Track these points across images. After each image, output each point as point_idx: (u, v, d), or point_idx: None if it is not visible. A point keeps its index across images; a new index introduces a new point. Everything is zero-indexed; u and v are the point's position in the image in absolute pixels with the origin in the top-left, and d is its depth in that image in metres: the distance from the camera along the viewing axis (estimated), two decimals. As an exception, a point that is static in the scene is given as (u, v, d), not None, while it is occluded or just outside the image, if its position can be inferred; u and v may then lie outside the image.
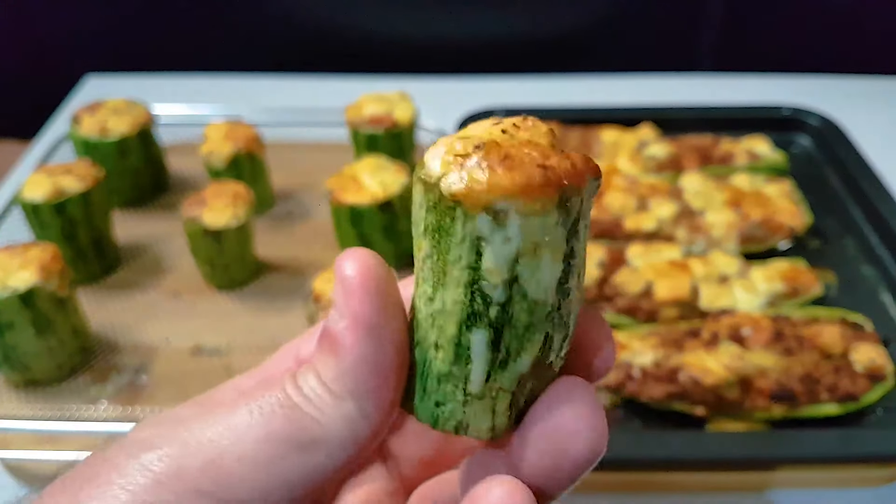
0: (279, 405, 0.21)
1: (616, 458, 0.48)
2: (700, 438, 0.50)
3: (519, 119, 0.21)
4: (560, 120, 0.81)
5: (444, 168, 0.19)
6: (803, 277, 0.62)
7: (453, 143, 0.20)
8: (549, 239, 0.19)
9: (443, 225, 0.20)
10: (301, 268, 0.68)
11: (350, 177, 0.66)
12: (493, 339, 0.20)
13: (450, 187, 0.19)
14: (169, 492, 0.20)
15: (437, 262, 0.20)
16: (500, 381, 0.21)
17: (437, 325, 0.21)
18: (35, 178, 0.63)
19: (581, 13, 1.04)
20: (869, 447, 0.48)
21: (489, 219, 0.19)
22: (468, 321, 0.20)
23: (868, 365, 0.55)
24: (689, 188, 0.72)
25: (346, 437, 0.20)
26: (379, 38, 1.05)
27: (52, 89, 0.97)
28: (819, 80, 0.97)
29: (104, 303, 0.64)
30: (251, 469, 0.20)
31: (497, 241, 0.19)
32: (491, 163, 0.19)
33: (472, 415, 0.21)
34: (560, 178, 0.19)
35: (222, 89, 0.97)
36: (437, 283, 0.20)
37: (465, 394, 0.21)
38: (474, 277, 0.20)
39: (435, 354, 0.21)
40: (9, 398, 0.56)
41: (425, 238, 0.20)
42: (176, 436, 0.21)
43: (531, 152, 0.19)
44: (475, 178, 0.19)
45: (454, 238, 0.19)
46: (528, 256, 0.19)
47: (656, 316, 0.60)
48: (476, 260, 0.19)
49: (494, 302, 0.20)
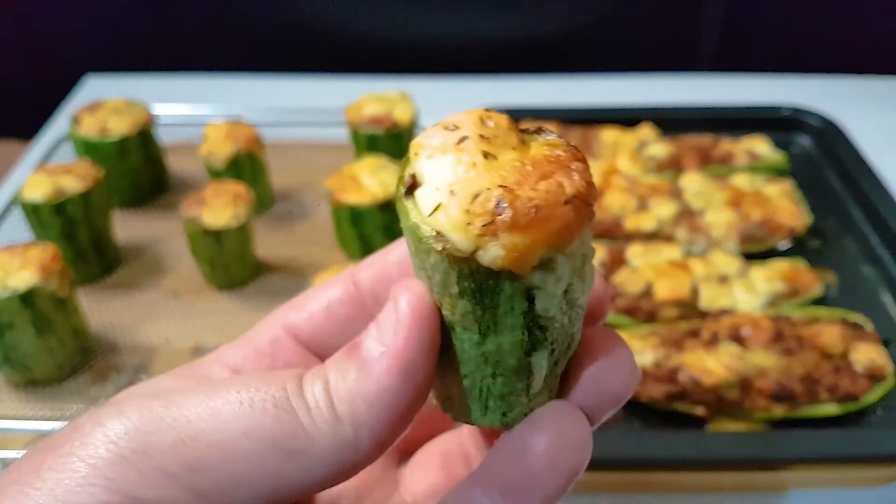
0: (273, 404, 0.20)
1: (616, 458, 0.48)
2: (700, 438, 0.50)
3: (479, 124, 0.20)
4: (560, 120, 0.81)
5: (478, 242, 0.18)
6: (803, 277, 0.62)
7: (464, 205, 0.18)
8: (587, 253, 0.20)
9: (486, 287, 0.19)
10: (301, 268, 0.68)
11: (350, 177, 0.66)
12: (552, 352, 0.21)
13: (494, 261, 0.18)
14: (133, 468, 0.19)
15: (483, 316, 0.20)
16: (556, 371, 0.22)
17: (491, 361, 0.20)
18: (35, 178, 0.63)
19: (581, 13, 1.04)
20: (869, 447, 0.48)
21: (540, 271, 0.19)
22: (528, 351, 0.20)
23: (868, 365, 0.55)
24: (689, 188, 0.72)
25: (332, 459, 0.19)
26: (379, 38, 1.05)
27: (52, 89, 0.97)
28: (819, 80, 0.97)
29: (104, 303, 0.64)
30: (224, 460, 0.19)
31: (550, 284, 0.19)
32: (525, 221, 0.18)
33: (537, 404, 0.22)
34: (587, 203, 0.19)
35: (222, 89, 0.97)
36: (487, 330, 0.20)
37: (528, 397, 0.21)
38: (530, 319, 0.20)
39: (492, 382, 0.21)
40: (9, 398, 0.56)
41: (461, 299, 0.19)
42: (150, 408, 0.20)
43: (548, 186, 0.18)
44: (518, 245, 0.18)
45: (503, 296, 0.19)
46: (577, 278, 0.20)
47: (656, 316, 0.60)
48: (530, 305, 0.19)
49: (551, 327, 0.20)
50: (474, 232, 0.18)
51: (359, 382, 0.20)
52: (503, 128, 0.20)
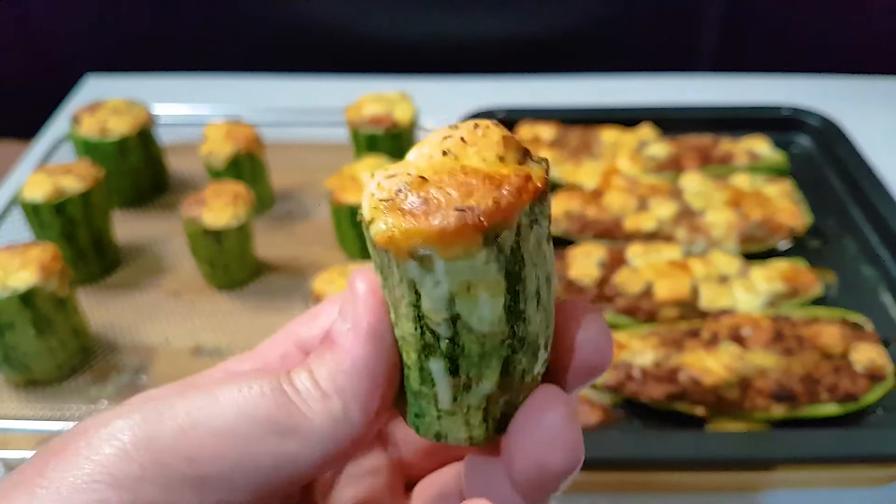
0: (270, 388, 0.21)
1: (616, 458, 0.48)
2: (700, 438, 0.50)
3: (470, 129, 0.20)
4: (560, 120, 0.81)
5: (372, 213, 0.19)
6: (803, 277, 0.62)
7: (381, 181, 0.20)
8: (480, 277, 0.19)
9: (383, 264, 0.20)
10: (301, 268, 0.68)
11: (350, 177, 0.66)
12: (450, 368, 0.20)
13: (376, 235, 0.19)
14: (135, 463, 0.19)
15: (389, 295, 0.21)
16: (468, 401, 0.21)
17: (404, 349, 0.21)
18: (35, 178, 0.63)
19: (581, 13, 1.04)
20: (869, 447, 0.48)
21: (416, 264, 0.19)
22: (424, 351, 0.20)
23: (868, 365, 0.55)
24: (689, 188, 0.72)
25: (327, 433, 0.21)
26: (379, 38, 1.05)
27: (52, 89, 0.97)
28: (819, 80, 0.97)
29: (104, 303, 0.64)
30: (224, 444, 0.20)
31: (428, 284, 0.19)
32: (410, 208, 0.19)
33: (448, 426, 0.22)
34: (479, 220, 0.18)
35: (222, 89, 0.97)
36: (395, 312, 0.21)
37: (437, 409, 0.21)
38: (418, 314, 0.20)
39: (408, 373, 0.21)
40: (9, 398, 0.56)
41: (377, 272, 0.21)
42: (152, 406, 0.21)
43: (452, 190, 0.19)
44: (395, 226, 0.19)
45: (394, 278, 0.20)
46: (462, 296, 0.19)
47: (656, 316, 0.60)
48: (416, 299, 0.20)
49: (443, 336, 0.20)
50: (372, 205, 0.19)
51: (334, 361, 0.21)
52: (490, 140, 0.20)
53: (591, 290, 0.62)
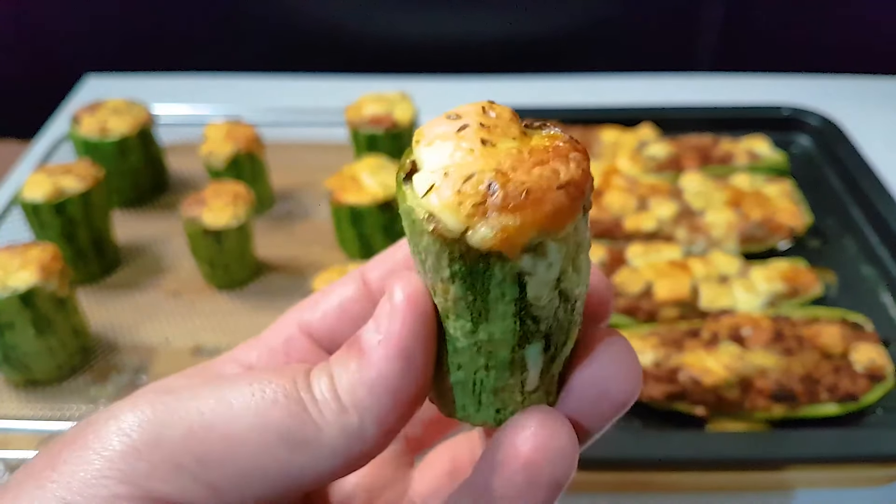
0: (284, 395, 0.20)
1: (616, 458, 0.48)
2: (700, 438, 0.50)
3: (479, 113, 0.20)
4: (560, 120, 0.80)
5: (468, 221, 0.18)
6: (803, 277, 0.62)
7: (457, 185, 0.18)
8: (581, 243, 0.20)
9: (476, 270, 0.19)
10: (301, 268, 0.68)
11: (350, 177, 0.66)
12: (545, 346, 0.20)
13: (483, 242, 0.18)
14: (144, 461, 0.19)
15: (475, 302, 0.20)
16: (553, 370, 0.21)
17: (484, 352, 0.20)
18: (35, 178, 0.63)
19: (581, 13, 1.04)
20: (869, 447, 0.48)
21: (530, 255, 0.19)
22: (521, 342, 0.20)
23: (868, 365, 0.55)
24: (689, 188, 0.72)
25: (339, 449, 0.20)
26: (379, 38, 1.05)
27: (52, 89, 0.97)
28: (819, 80, 0.97)
29: (104, 303, 0.64)
30: (235, 452, 0.20)
31: (541, 271, 0.19)
32: (515, 203, 0.18)
33: (531, 404, 0.21)
34: (581, 191, 0.19)
35: (222, 89, 0.97)
36: (479, 318, 0.20)
37: (522, 394, 0.21)
38: (521, 306, 0.19)
39: (486, 375, 0.21)
40: (9, 398, 0.56)
41: (453, 283, 0.19)
42: (163, 401, 0.20)
43: (543, 171, 0.18)
44: (508, 226, 0.18)
45: (493, 280, 0.19)
46: (569, 267, 0.19)
47: (656, 316, 0.60)
48: (521, 292, 0.19)
49: (544, 318, 0.20)
50: (464, 212, 0.18)
51: (360, 372, 0.20)
52: (505, 119, 0.20)
53: (591, 290, 0.62)
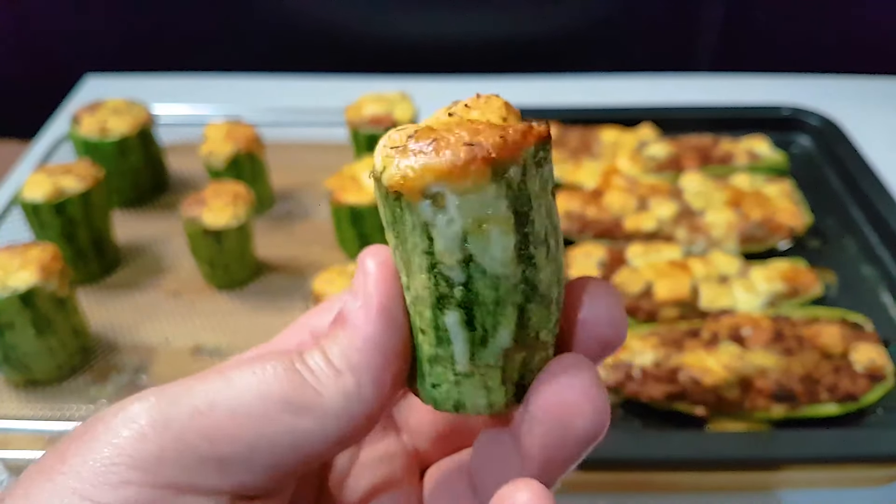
0: (282, 368, 0.21)
1: (616, 458, 0.48)
2: (700, 438, 0.50)
3: (473, 98, 0.22)
4: (560, 120, 0.81)
5: (384, 162, 0.20)
6: (803, 277, 0.62)
7: (392, 135, 0.20)
8: (491, 212, 0.20)
9: (395, 216, 0.20)
10: (301, 268, 0.68)
11: (350, 177, 0.66)
12: (466, 319, 0.21)
13: (389, 180, 0.20)
14: (154, 444, 0.20)
15: (402, 252, 0.21)
16: (485, 358, 0.21)
17: (416, 311, 0.21)
18: (35, 178, 0.63)
19: (581, 13, 1.04)
20: (869, 447, 0.48)
21: (429, 203, 0.19)
22: (438, 304, 0.21)
23: (868, 365, 0.55)
24: (689, 188, 0.72)
25: (340, 410, 0.21)
26: (379, 38, 1.05)
27: (52, 89, 0.97)
28: (819, 80, 0.97)
29: (104, 303, 0.64)
30: (241, 424, 0.20)
31: (441, 223, 0.20)
32: (420, 149, 0.19)
33: (467, 393, 0.22)
34: (488, 153, 0.19)
35: (222, 89, 0.97)
36: (407, 271, 0.21)
37: (454, 374, 0.21)
38: (432, 262, 0.20)
39: (423, 339, 0.22)
40: (9, 398, 0.56)
41: (388, 231, 0.21)
42: (169, 390, 0.21)
43: (461, 132, 0.19)
44: (407, 167, 0.19)
45: (407, 227, 0.20)
46: (475, 234, 0.20)
47: (656, 316, 0.60)
48: (429, 245, 0.20)
49: (457, 283, 0.20)
50: (385, 153, 0.20)
51: (348, 338, 0.21)
52: (492, 105, 0.21)
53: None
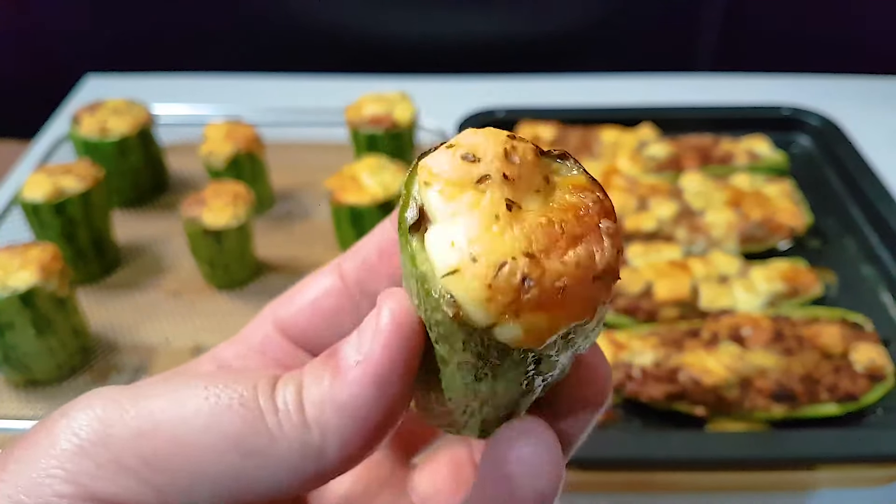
0: (240, 402, 0.19)
1: (616, 458, 0.48)
2: (700, 438, 0.50)
3: (500, 158, 0.18)
4: (560, 120, 0.81)
5: (497, 318, 0.17)
6: (803, 277, 0.62)
7: (490, 279, 0.16)
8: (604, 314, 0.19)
9: (492, 350, 0.18)
10: (301, 268, 0.68)
11: (350, 177, 0.66)
12: (543, 386, 0.20)
13: (512, 340, 0.17)
14: (90, 460, 0.19)
15: (483, 367, 0.18)
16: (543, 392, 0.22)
17: (482, 397, 0.20)
18: (35, 178, 0.63)
19: (581, 13, 1.04)
20: (869, 447, 0.48)
21: (555, 341, 0.18)
22: (523, 395, 0.20)
23: (868, 365, 0.55)
24: (689, 188, 0.72)
25: (295, 464, 0.19)
26: (379, 38, 1.05)
27: (52, 89, 0.97)
28: (819, 80, 0.97)
29: (104, 303, 0.64)
30: (182, 454, 0.19)
31: (561, 352, 0.19)
32: (550, 302, 0.16)
33: (469, 428, 0.22)
34: (615, 277, 0.17)
35: (222, 89, 0.97)
36: (484, 377, 0.19)
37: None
38: (534, 373, 0.19)
39: (478, 408, 0.20)
40: (9, 398, 0.56)
41: (463, 351, 0.18)
42: (117, 400, 0.20)
43: (578, 257, 0.17)
44: (539, 326, 0.17)
45: (509, 359, 0.18)
46: (584, 342, 0.19)
47: (656, 316, 0.60)
48: (536, 365, 0.19)
49: (550, 377, 0.20)
50: (495, 309, 0.17)
51: (331, 389, 0.19)
52: (529, 163, 0.18)
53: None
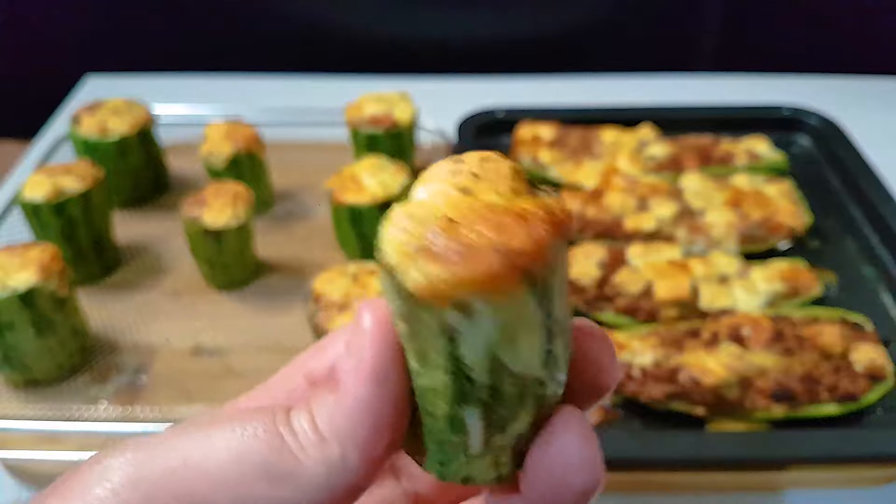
0: (263, 430, 0.20)
1: (616, 458, 0.48)
2: (700, 438, 0.50)
3: (476, 161, 0.20)
4: (560, 120, 0.81)
5: (402, 260, 0.18)
6: (803, 277, 0.62)
7: (404, 221, 0.18)
8: (522, 318, 0.18)
9: (412, 314, 0.19)
10: (301, 268, 0.68)
11: (350, 177, 0.66)
12: (485, 414, 0.20)
13: (410, 284, 0.18)
14: (124, 502, 0.19)
15: (416, 344, 0.19)
16: (500, 441, 0.20)
17: (429, 399, 0.20)
18: (35, 179, 0.63)
19: (581, 13, 1.04)
20: (869, 447, 0.48)
21: (456, 312, 0.18)
22: (457, 400, 0.20)
23: (868, 365, 0.55)
24: (689, 188, 0.72)
25: (322, 481, 0.20)
26: (379, 38, 1.05)
27: (52, 89, 0.97)
28: (819, 80, 0.97)
29: (104, 303, 0.64)
30: (214, 487, 0.19)
31: (467, 331, 0.18)
32: (447, 253, 0.17)
33: (477, 469, 0.21)
34: (521, 260, 0.18)
35: (222, 89, 0.97)
36: (421, 361, 0.20)
37: (466, 455, 0.21)
38: (454, 363, 0.19)
39: (432, 424, 0.20)
40: (9, 398, 0.56)
41: (401, 321, 0.19)
42: (146, 444, 0.20)
43: (486, 229, 0.18)
44: (434, 273, 0.17)
45: (424, 325, 0.19)
46: (504, 339, 0.19)
47: (656, 316, 0.60)
48: (453, 349, 0.19)
49: (480, 383, 0.19)
50: (400, 250, 0.18)
51: (336, 401, 0.20)
52: (500, 174, 0.19)
53: (592, 291, 0.62)
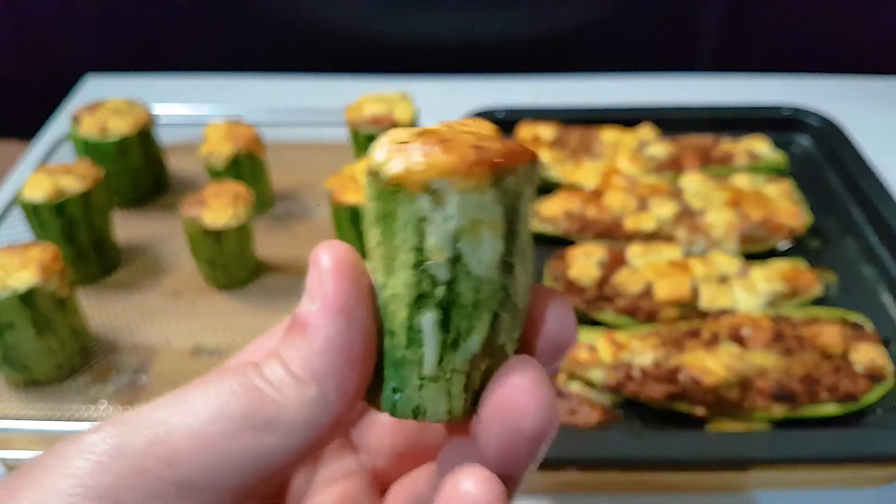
0: (239, 385, 0.20)
1: (616, 458, 0.48)
2: (700, 438, 0.50)
3: (468, 119, 0.22)
4: (560, 120, 0.81)
5: (388, 155, 0.20)
6: (803, 277, 0.62)
7: (396, 134, 0.21)
8: (487, 216, 0.20)
9: (388, 211, 0.21)
10: (301, 268, 0.68)
11: (350, 177, 0.66)
12: (442, 320, 0.21)
13: (390, 171, 0.20)
14: (110, 472, 0.19)
15: (386, 249, 0.21)
16: (453, 362, 0.21)
17: (389, 311, 0.21)
18: (35, 178, 0.63)
19: (581, 13, 1.04)
20: (869, 447, 0.48)
21: (429, 198, 0.20)
22: (417, 303, 0.21)
23: (868, 365, 0.55)
24: (689, 188, 0.72)
25: (306, 420, 0.20)
26: (379, 38, 1.05)
27: (52, 89, 0.97)
28: (819, 80, 0.97)
29: (104, 303, 0.64)
30: (201, 446, 0.19)
31: (437, 219, 0.20)
32: (428, 146, 0.20)
33: (428, 398, 0.21)
34: (492, 157, 0.20)
35: (222, 89, 0.97)
36: (387, 269, 0.21)
37: (419, 377, 0.21)
38: (419, 258, 0.20)
39: (391, 342, 0.21)
40: (9, 398, 0.56)
41: (374, 227, 0.21)
42: (125, 418, 0.20)
43: (468, 137, 0.20)
44: (413, 160, 0.20)
45: (398, 222, 0.20)
46: (468, 234, 0.20)
47: (656, 316, 0.60)
48: (420, 241, 0.20)
49: (440, 281, 0.20)
50: (390, 148, 0.20)
51: (306, 343, 0.20)
52: (481, 126, 0.22)
53: (591, 290, 0.62)
